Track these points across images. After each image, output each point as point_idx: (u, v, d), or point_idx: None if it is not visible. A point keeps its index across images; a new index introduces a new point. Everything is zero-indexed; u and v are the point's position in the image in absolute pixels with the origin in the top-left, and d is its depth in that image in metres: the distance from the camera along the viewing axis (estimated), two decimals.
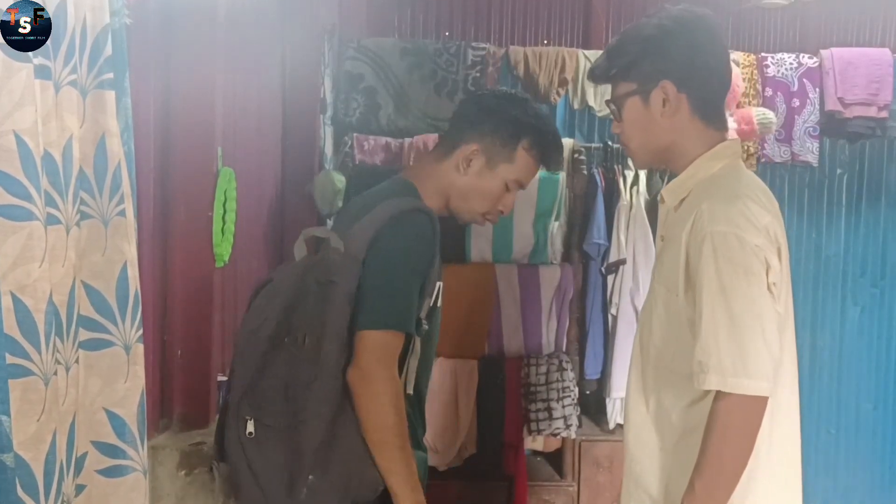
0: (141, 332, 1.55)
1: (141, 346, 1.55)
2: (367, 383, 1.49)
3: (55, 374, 1.31)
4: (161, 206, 1.99)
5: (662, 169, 1.65)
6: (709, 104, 1.49)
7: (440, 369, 2.92)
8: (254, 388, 1.53)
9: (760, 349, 1.34)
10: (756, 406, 1.35)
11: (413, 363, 1.61)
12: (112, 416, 1.52)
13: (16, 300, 1.20)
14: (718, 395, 1.36)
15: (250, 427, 1.52)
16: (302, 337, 1.51)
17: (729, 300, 1.35)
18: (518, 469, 3.00)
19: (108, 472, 1.52)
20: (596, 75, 1.58)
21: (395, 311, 1.53)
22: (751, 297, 1.35)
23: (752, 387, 1.33)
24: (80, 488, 1.50)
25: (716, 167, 1.47)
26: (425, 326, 1.61)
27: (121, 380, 1.52)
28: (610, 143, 3.24)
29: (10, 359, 1.20)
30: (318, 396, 1.49)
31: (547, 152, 1.72)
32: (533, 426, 2.96)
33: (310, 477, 1.49)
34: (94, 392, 1.51)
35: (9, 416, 1.18)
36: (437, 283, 1.64)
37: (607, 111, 2.15)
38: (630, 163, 3.13)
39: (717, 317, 1.35)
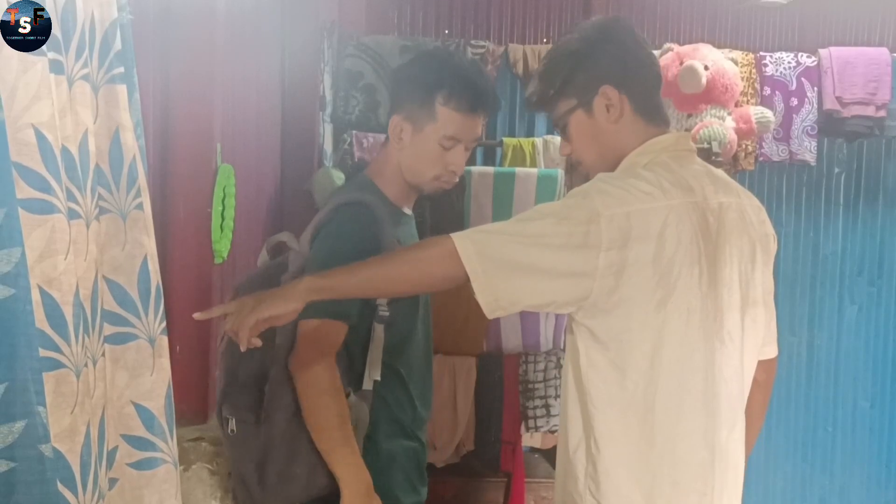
0: (164, 324, 1.56)
1: (165, 339, 1.56)
2: (304, 370, 1.55)
3: (85, 366, 1.33)
4: (160, 203, 1.99)
5: None
6: (647, 101, 1.49)
7: (438, 366, 2.93)
8: (231, 388, 1.63)
9: (509, 271, 1.34)
10: (452, 262, 1.34)
11: (376, 350, 1.62)
12: (140, 409, 1.53)
13: (44, 293, 1.21)
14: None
15: (232, 425, 1.62)
16: (268, 334, 1.57)
17: (527, 215, 1.37)
18: (516, 466, 3.01)
19: (140, 465, 1.54)
20: (534, 103, 1.56)
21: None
22: (542, 229, 1.33)
23: (468, 255, 1.33)
24: (112, 482, 1.51)
25: (642, 162, 1.45)
26: (384, 313, 1.62)
27: (147, 373, 1.53)
28: None
29: (41, 352, 1.21)
30: (277, 390, 1.57)
31: (465, 101, 1.66)
32: (531, 423, 2.96)
33: (279, 468, 1.56)
34: (121, 386, 1.52)
35: (45, 406, 1.20)
36: None
37: None
38: None
39: (514, 219, 1.39)
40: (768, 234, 1.53)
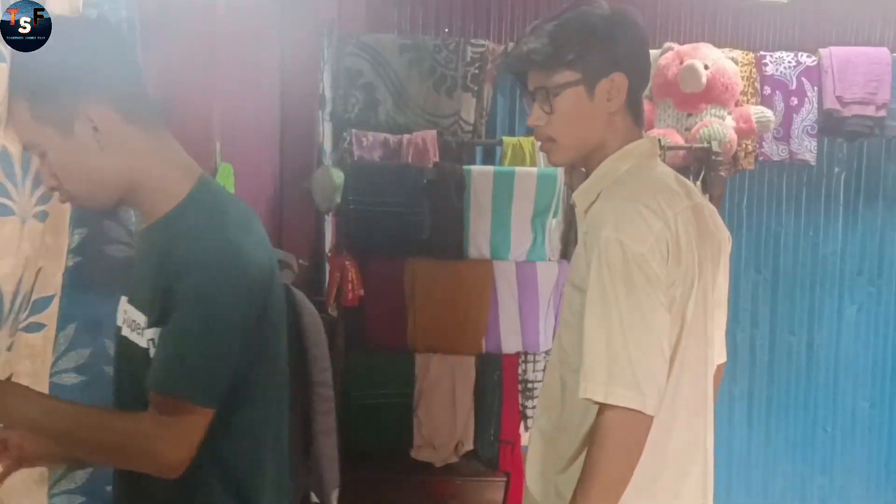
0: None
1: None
2: None
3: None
4: None
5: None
6: (639, 99, 1.45)
7: (439, 365, 2.93)
8: None
9: (641, 359, 1.26)
10: (636, 421, 1.26)
11: None
12: None
13: None
14: (600, 407, 1.27)
15: None
16: None
17: (608, 308, 1.28)
18: (515, 465, 3.00)
19: None
20: (532, 60, 1.40)
21: None
22: (631, 305, 1.27)
23: (630, 399, 1.25)
24: None
25: (622, 168, 1.41)
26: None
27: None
28: None
29: None
30: None
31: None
32: (530, 423, 2.96)
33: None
34: None
35: None
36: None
37: None
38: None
39: (595, 324, 1.29)
40: (725, 237, 1.52)
